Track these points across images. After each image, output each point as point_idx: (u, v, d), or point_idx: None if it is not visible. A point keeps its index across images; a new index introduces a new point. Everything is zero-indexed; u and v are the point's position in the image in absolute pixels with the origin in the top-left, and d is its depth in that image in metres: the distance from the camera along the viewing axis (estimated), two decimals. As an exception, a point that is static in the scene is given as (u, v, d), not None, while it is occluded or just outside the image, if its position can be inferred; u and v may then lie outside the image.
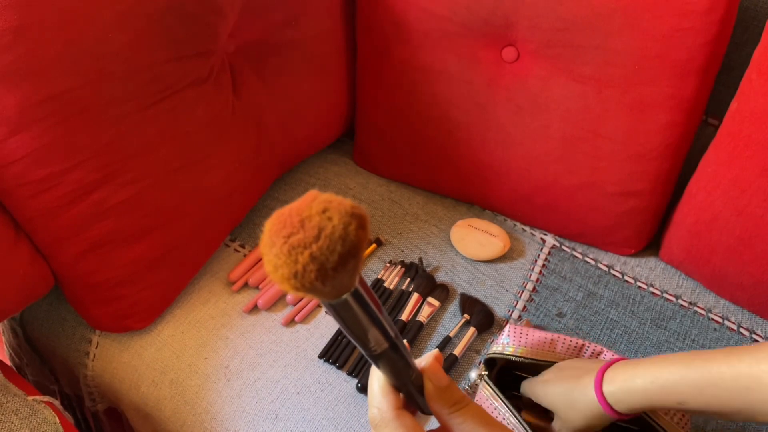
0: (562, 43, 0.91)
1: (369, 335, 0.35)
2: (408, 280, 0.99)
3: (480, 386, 0.76)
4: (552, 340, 0.75)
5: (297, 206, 0.30)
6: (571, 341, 0.75)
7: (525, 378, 0.78)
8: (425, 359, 0.41)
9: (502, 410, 0.72)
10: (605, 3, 0.87)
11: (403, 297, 0.96)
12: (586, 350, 0.74)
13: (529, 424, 0.70)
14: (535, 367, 0.75)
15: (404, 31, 1.02)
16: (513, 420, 0.70)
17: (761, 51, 0.82)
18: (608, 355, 0.74)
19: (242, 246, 1.05)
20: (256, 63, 0.99)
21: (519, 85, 0.98)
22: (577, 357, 0.74)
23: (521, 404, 0.76)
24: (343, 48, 1.11)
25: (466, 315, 0.93)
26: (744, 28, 0.92)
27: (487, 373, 0.76)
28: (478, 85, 1.01)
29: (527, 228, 1.09)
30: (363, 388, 0.85)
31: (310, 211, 0.29)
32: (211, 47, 0.87)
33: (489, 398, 0.74)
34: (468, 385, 0.84)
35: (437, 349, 0.44)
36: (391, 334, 0.37)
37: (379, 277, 1.00)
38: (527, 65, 0.97)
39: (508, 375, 0.79)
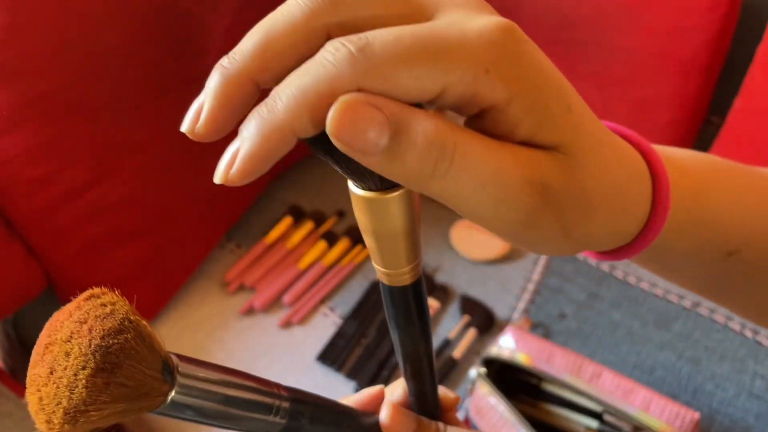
0: (564, 41, 0.90)
1: (243, 424, 0.27)
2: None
3: (478, 384, 0.75)
4: (551, 352, 0.74)
5: (60, 316, 0.23)
6: (570, 357, 0.74)
7: (524, 378, 0.77)
8: (383, 412, 0.34)
9: (500, 407, 0.71)
10: (608, 0, 0.86)
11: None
12: (586, 370, 0.73)
13: (527, 418, 0.70)
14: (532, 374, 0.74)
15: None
16: (511, 416, 0.70)
17: (764, 49, 0.81)
18: (609, 376, 0.73)
19: (238, 246, 1.03)
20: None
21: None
22: (576, 375, 0.73)
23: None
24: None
25: (466, 316, 0.92)
26: (747, 26, 0.91)
27: (485, 371, 0.75)
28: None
29: (528, 228, 1.08)
30: (361, 391, 0.84)
31: (58, 333, 0.23)
32: (206, 45, 0.86)
33: (486, 396, 0.73)
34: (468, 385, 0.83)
35: (381, 387, 0.35)
36: (281, 404, 0.28)
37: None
38: (528, 63, 0.96)
39: (508, 374, 0.78)
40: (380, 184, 0.23)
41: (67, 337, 0.22)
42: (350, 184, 0.24)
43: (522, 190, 0.21)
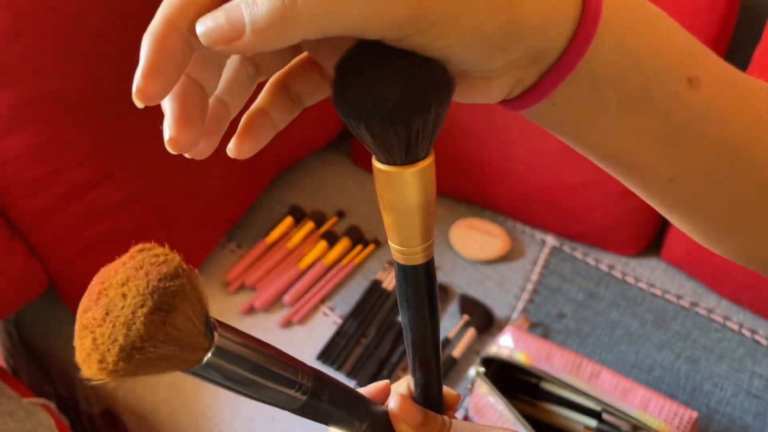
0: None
1: (266, 395, 0.28)
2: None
3: (477, 383, 0.75)
4: (550, 352, 0.75)
5: (112, 267, 0.25)
6: (569, 357, 0.74)
7: (523, 377, 0.77)
8: (392, 402, 0.35)
9: (499, 407, 0.71)
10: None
11: (401, 298, 0.96)
12: (585, 369, 0.74)
13: (526, 417, 0.70)
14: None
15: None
16: (510, 416, 0.70)
17: (762, 50, 0.82)
18: (607, 375, 0.73)
19: (239, 246, 1.04)
20: (254, 62, 0.98)
21: (519, 84, 0.97)
22: (575, 374, 0.74)
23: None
24: (342, 47, 1.10)
25: (465, 316, 0.93)
26: (745, 27, 0.91)
27: (484, 370, 0.75)
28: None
29: (527, 228, 1.09)
30: (361, 390, 0.84)
31: (111, 279, 0.24)
32: (207, 45, 0.87)
33: (485, 395, 0.73)
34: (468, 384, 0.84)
35: (387, 382, 0.37)
36: (304, 382, 0.29)
37: (378, 278, 0.99)
38: (527, 64, 0.96)
39: (507, 373, 0.78)
40: (405, 157, 0.25)
41: (124, 281, 0.24)
42: (374, 161, 0.26)
43: None
